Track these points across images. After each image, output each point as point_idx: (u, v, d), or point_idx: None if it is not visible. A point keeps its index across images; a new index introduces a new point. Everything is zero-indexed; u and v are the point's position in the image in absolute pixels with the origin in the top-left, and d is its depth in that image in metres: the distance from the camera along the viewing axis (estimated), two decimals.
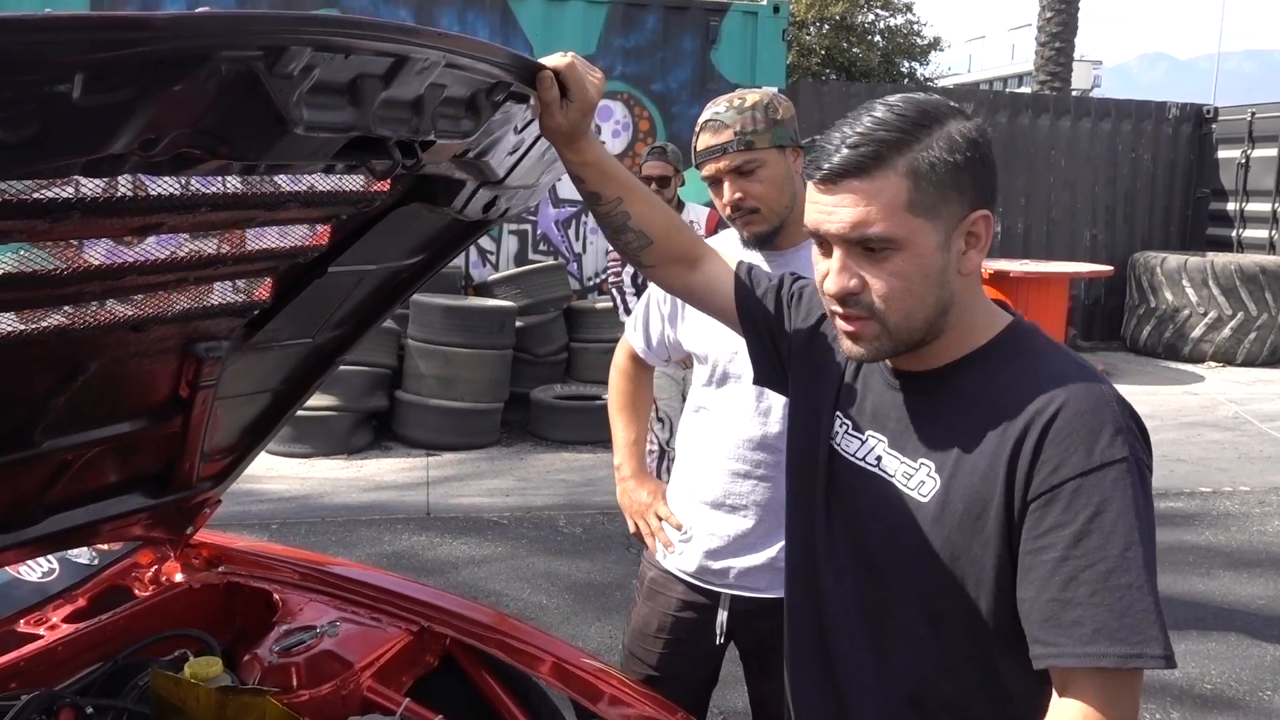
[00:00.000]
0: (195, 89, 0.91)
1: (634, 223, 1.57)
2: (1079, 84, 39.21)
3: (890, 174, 1.19)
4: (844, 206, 1.21)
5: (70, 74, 0.80)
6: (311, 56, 0.98)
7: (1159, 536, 1.12)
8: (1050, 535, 1.16)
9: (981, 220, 1.24)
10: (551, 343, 7.66)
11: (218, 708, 1.73)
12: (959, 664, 1.29)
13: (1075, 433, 1.17)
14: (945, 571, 1.26)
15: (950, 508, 1.25)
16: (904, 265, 1.22)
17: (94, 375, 1.48)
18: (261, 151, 1.04)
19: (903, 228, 1.20)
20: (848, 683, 1.39)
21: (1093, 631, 1.12)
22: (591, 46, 8.51)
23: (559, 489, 6.21)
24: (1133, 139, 11.74)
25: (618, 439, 2.42)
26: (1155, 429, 7.30)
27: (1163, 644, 1.12)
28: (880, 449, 1.36)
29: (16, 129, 0.80)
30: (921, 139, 1.20)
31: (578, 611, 4.47)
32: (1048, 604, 1.15)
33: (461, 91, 1.26)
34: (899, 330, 1.26)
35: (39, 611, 2.01)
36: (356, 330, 2.00)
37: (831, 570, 1.41)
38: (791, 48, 17.13)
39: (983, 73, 51.50)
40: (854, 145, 1.21)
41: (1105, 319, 11.91)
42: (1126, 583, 1.13)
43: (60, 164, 0.89)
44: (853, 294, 1.25)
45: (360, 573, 2.31)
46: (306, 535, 5.25)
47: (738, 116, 2.04)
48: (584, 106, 1.41)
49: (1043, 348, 1.30)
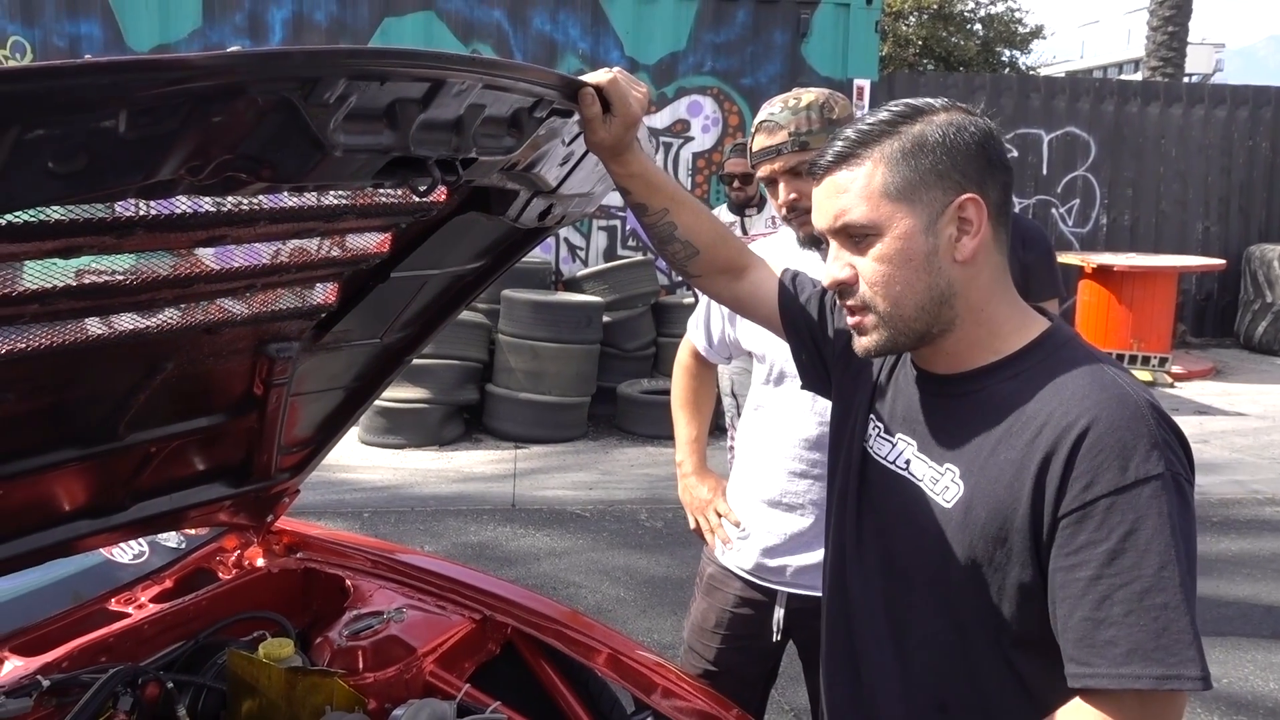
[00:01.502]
0: (235, 119, 0.98)
1: (680, 233, 1.60)
2: (1199, 69, 37.49)
3: (865, 163, 1.25)
4: (828, 198, 1.28)
5: (115, 112, 0.88)
6: (347, 85, 1.04)
7: (1263, 543, 1.07)
8: (1083, 553, 1.15)
9: (970, 204, 1.24)
10: (639, 338, 7.72)
11: (287, 687, 1.82)
12: (982, 669, 1.28)
13: (1109, 448, 1.15)
14: (968, 578, 1.26)
15: (973, 515, 1.25)
16: (886, 250, 1.25)
17: (172, 374, 1.58)
18: (303, 174, 1.10)
19: (878, 211, 1.24)
20: (874, 687, 1.39)
21: (1127, 652, 1.11)
22: (682, 42, 8.54)
23: (642, 483, 6.27)
24: (1250, 126, 11.20)
25: (680, 436, 2.45)
26: (1266, 430, 6.95)
27: (1199, 665, 1.10)
28: (910, 452, 1.36)
29: (66, 161, 0.88)
30: (901, 130, 1.25)
31: (655, 605, 4.51)
32: (1081, 623, 1.14)
33: (502, 110, 1.31)
34: (892, 319, 1.27)
35: (128, 591, 2.14)
36: (424, 330, 2.07)
37: (860, 574, 1.42)
38: (887, 39, 16.83)
39: (1095, 59, 49.69)
40: (841, 140, 1.27)
41: (1218, 315, 11.41)
42: (1162, 602, 1.11)
43: (111, 191, 0.96)
44: (845, 284, 1.29)
45: (428, 561, 2.40)
46: (396, 524, 5.42)
47: (792, 117, 2.04)
48: (627, 121, 1.44)
49: (1078, 357, 1.27)
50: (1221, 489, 6.25)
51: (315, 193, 1.25)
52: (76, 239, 1.01)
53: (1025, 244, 3.97)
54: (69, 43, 7.92)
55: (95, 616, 2.02)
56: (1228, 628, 4.34)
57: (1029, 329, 1.31)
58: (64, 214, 0.99)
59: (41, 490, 1.66)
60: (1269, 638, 4.27)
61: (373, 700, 1.89)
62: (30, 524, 1.68)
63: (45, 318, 1.22)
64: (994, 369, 1.29)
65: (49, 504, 1.70)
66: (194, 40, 8.04)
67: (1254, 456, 6.99)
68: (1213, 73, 43.17)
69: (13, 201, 0.89)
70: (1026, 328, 1.31)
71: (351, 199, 1.37)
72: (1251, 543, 5.32)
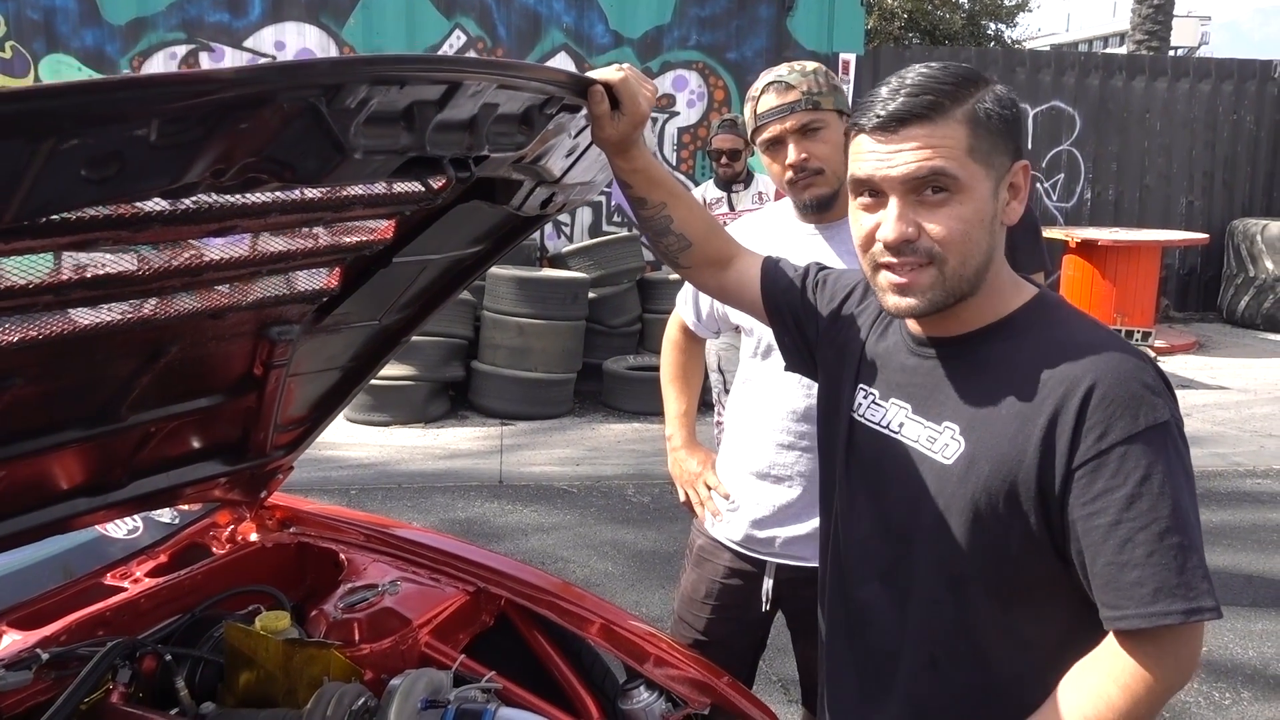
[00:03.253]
0: (261, 125, 1.01)
1: (676, 226, 1.63)
2: (1184, 41, 37.49)
3: (951, 120, 1.25)
4: (908, 150, 1.25)
5: (147, 122, 0.90)
6: (368, 90, 1.06)
7: (1244, 514, 1.12)
8: (1101, 500, 1.19)
9: (1022, 170, 1.31)
10: (624, 314, 7.74)
11: (284, 658, 1.84)
12: (977, 623, 1.33)
13: (1119, 399, 1.20)
14: (965, 533, 1.30)
15: (976, 469, 1.29)
16: (962, 209, 1.26)
17: (175, 357, 1.60)
18: (323, 175, 1.13)
19: (964, 170, 1.25)
20: (869, 650, 1.44)
21: (1154, 591, 1.17)
22: (667, 16, 8.50)
23: (629, 459, 6.30)
24: (1234, 100, 11.23)
25: (669, 410, 2.48)
26: (1248, 403, 7.05)
27: (1213, 596, 1.17)
28: (903, 416, 1.40)
29: (99, 168, 0.91)
30: (974, 92, 1.27)
31: (643, 579, 4.56)
32: (1106, 568, 1.19)
33: (514, 108, 1.33)
34: (954, 276, 1.28)
35: (124, 566, 2.16)
36: (421, 312, 2.09)
37: (855, 539, 1.45)
38: (872, 12, 16.77)
39: (1081, 32, 49.67)
40: (913, 94, 1.25)
41: (1201, 289, 11.49)
42: (1179, 541, 1.17)
43: (138, 194, 1.00)
44: (910, 241, 1.27)
45: (421, 535, 2.42)
46: (383, 501, 5.44)
47: (802, 78, 2.06)
48: (635, 119, 1.47)
49: (1071, 316, 1.33)
50: (1203, 462, 6.33)
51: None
52: (94, 234, 1.03)
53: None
54: (43, 15, 7.82)
55: (91, 591, 2.04)
56: None
57: (1021, 292, 1.36)
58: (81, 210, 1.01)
59: (42, 469, 1.67)
60: (1248, 606, 4.35)
61: (369, 671, 1.91)
62: (30, 502, 1.69)
63: (58, 307, 1.24)
64: (992, 330, 1.34)
65: (49, 483, 1.71)
66: (172, 14, 7.95)
67: (1235, 430, 7.08)
68: (1198, 46, 43.21)
69: (46, 207, 0.92)
70: (1020, 291, 1.36)
71: (361, 190, 1.39)
72: (1232, 514, 5.40)
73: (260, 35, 8.14)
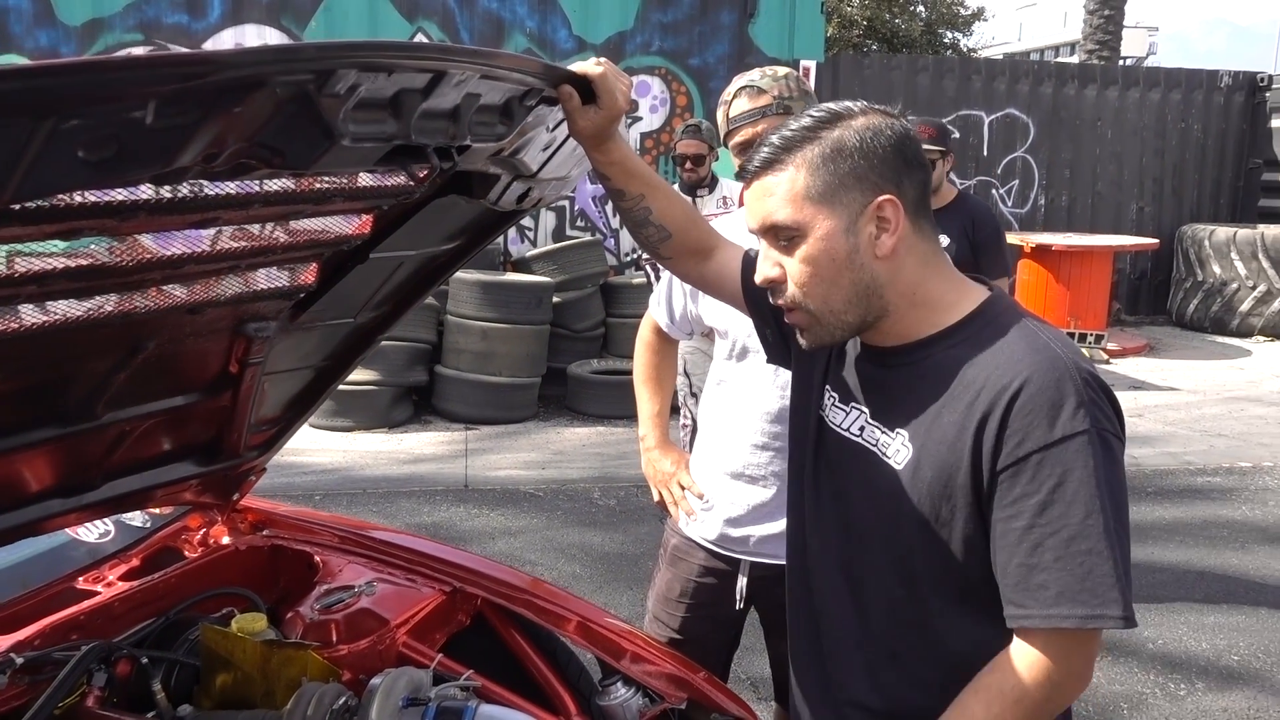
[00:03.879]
0: (253, 109, 1.02)
1: (655, 217, 1.66)
2: (1133, 51, 38.23)
3: (789, 168, 1.32)
4: (756, 200, 1.36)
5: (145, 103, 0.91)
6: (357, 76, 1.08)
7: (1195, 511, 1.16)
8: (1018, 504, 1.25)
9: (888, 204, 1.31)
10: (588, 318, 7.75)
11: (262, 660, 1.84)
12: (933, 618, 1.38)
13: (1038, 407, 1.24)
14: (918, 534, 1.35)
15: (920, 474, 1.34)
16: (810, 250, 1.32)
17: (152, 353, 1.59)
18: (311, 161, 1.14)
19: (801, 214, 1.31)
20: (832, 643, 1.49)
21: (1056, 595, 1.22)
22: (629, 21, 8.54)
23: (594, 462, 6.32)
24: (1182, 109, 11.51)
25: (643, 410, 2.50)
26: (1198, 404, 7.22)
27: (1122, 605, 1.21)
28: (862, 420, 1.44)
29: (97, 150, 0.91)
30: (821, 135, 1.31)
31: (610, 581, 4.57)
32: (1017, 568, 1.25)
33: (495, 99, 1.35)
34: (823, 315, 1.35)
35: (96, 570, 2.14)
36: (396, 310, 2.09)
37: (819, 536, 1.50)
38: (832, 20, 16.95)
39: (1033, 42, 50.50)
40: (766, 146, 1.34)
41: (1152, 293, 11.75)
42: (1087, 549, 1.22)
43: (132, 177, 1.00)
44: (776, 282, 1.37)
45: (396, 536, 2.42)
46: (348, 506, 5.40)
47: (774, 83, 2.11)
48: (613, 112, 1.50)
49: (1013, 322, 1.35)
50: (1155, 461, 6.48)
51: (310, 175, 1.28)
52: (80, 222, 1.03)
53: (975, 225, 4.09)
54: None
55: (64, 595, 2.02)
56: (1162, 592, 4.52)
57: (967, 300, 1.39)
58: (69, 197, 1.01)
59: (14, 470, 1.65)
60: (1200, 601, 4.46)
61: (347, 672, 1.91)
62: (3, 503, 1.68)
63: (39, 298, 1.23)
64: (936, 339, 1.37)
65: (21, 484, 1.69)
66: (129, 14, 7.83)
67: (1186, 429, 7.25)
68: (1146, 56, 44.06)
69: (43, 189, 0.91)
70: (965, 299, 1.39)
71: (342, 182, 1.40)
72: (1184, 511, 5.53)
73: (220, 37, 8.05)
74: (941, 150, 4.18)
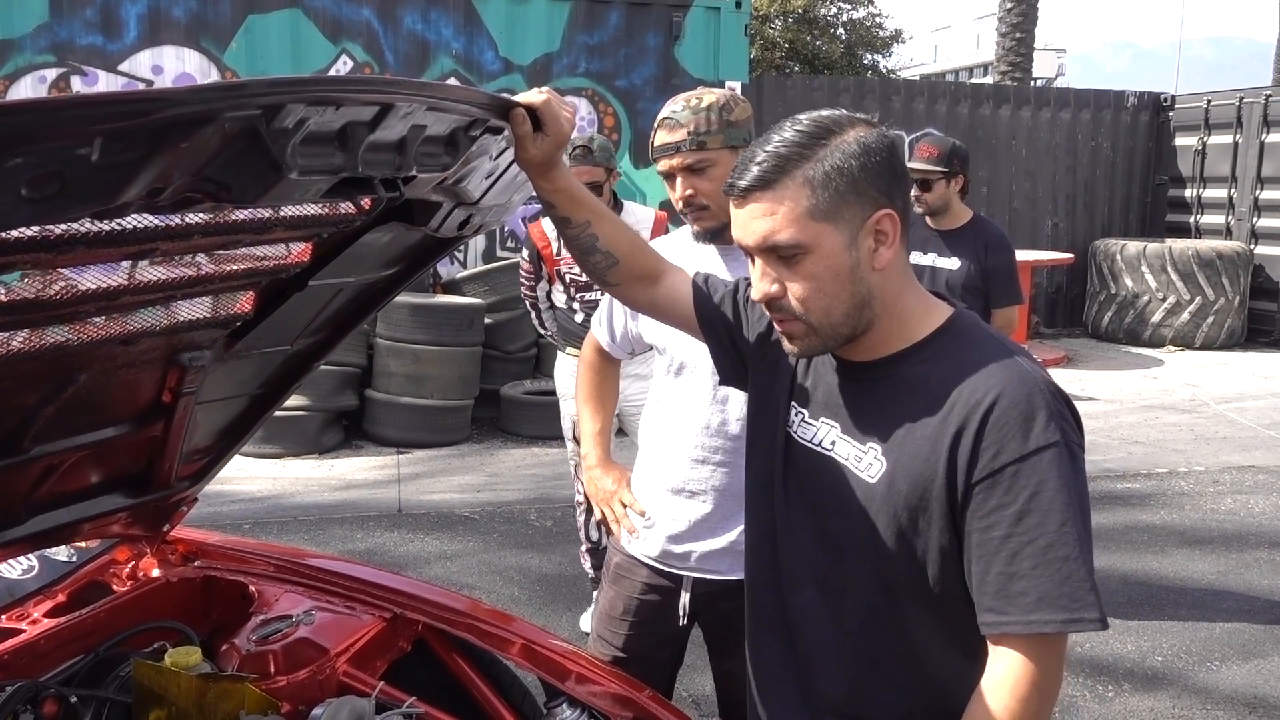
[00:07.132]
0: (200, 144, 1.01)
1: (602, 244, 1.67)
2: (1043, 73, 39.56)
3: (790, 185, 1.32)
4: (754, 219, 1.35)
5: (90, 140, 0.90)
6: (305, 110, 1.08)
7: (1116, 516, 1.21)
8: (995, 515, 1.28)
9: (886, 219, 1.34)
10: (520, 339, 7.71)
11: (198, 694, 1.79)
12: (910, 627, 1.40)
13: (1012, 421, 1.28)
14: (894, 545, 1.37)
15: (895, 487, 1.36)
16: (814, 267, 1.34)
17: (83, 385, 1.55)
18: (258, 196, 1.13)
19: (805, 232, 1.32)
20: (810, 652, 1.49)
21: (1036, 600, 1.25)
22: (556, 44, 8.56)
23: (529, 484, 6.28)
24: (1092, 128, 11.95)
25: (585, 429, 2.50)
26: (1115, 413, 7.43)
27: (1097, 608, 1.26)
28: (834, 435, 1.46)
29: (40, 187, 0.89)
30: (818, 151, 1.32)
31: (550, 603, 4.55)
32: (996, 576, 1.28)
33: (441, 129, 1.36)
34: (823, 327, 1.37)
35: (20, 607, 2.06)
36: (333, 336, 2.07)
37: (793, 550, 1.51)
38: (755, 42, 17.22)
39: (948, 63, 51.94)
40: (760, 163, 1.33)
41: (1068, 306, 12.13)
42: (1064, 555, 1.25)
43: (74, 214, 0.98)
44: (775, 298, 1.37)
45: (333, 563, 2.38)
46: (279, 534, 5.29)
47: (692, 116, 2.12)
48: (558, 140, 1.51)
49: (980, 339, 1.40)
50: None
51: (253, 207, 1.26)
52: (15, 256, 1.01)
53: (989, 250, 3.98)
54: None
55: None
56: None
57: (934, 316, 1.43)
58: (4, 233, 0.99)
59: None
60: (1124, 604, 4.60)
61: (286, 704, 1.87)
62: None
63: None
64: (907, 354, 1.40)
65: None
66: (40, 35, 7.60)
67: (1105, 438, 7.48)
68: (1055, 77, 45.64)
69: None
70: (931, 314, 1.43)
71: (286, 212, 1.38)
72: (1106, 517, 5.70)
73: (136, 59, 7.86)
74: (944, 171, 4.05)
